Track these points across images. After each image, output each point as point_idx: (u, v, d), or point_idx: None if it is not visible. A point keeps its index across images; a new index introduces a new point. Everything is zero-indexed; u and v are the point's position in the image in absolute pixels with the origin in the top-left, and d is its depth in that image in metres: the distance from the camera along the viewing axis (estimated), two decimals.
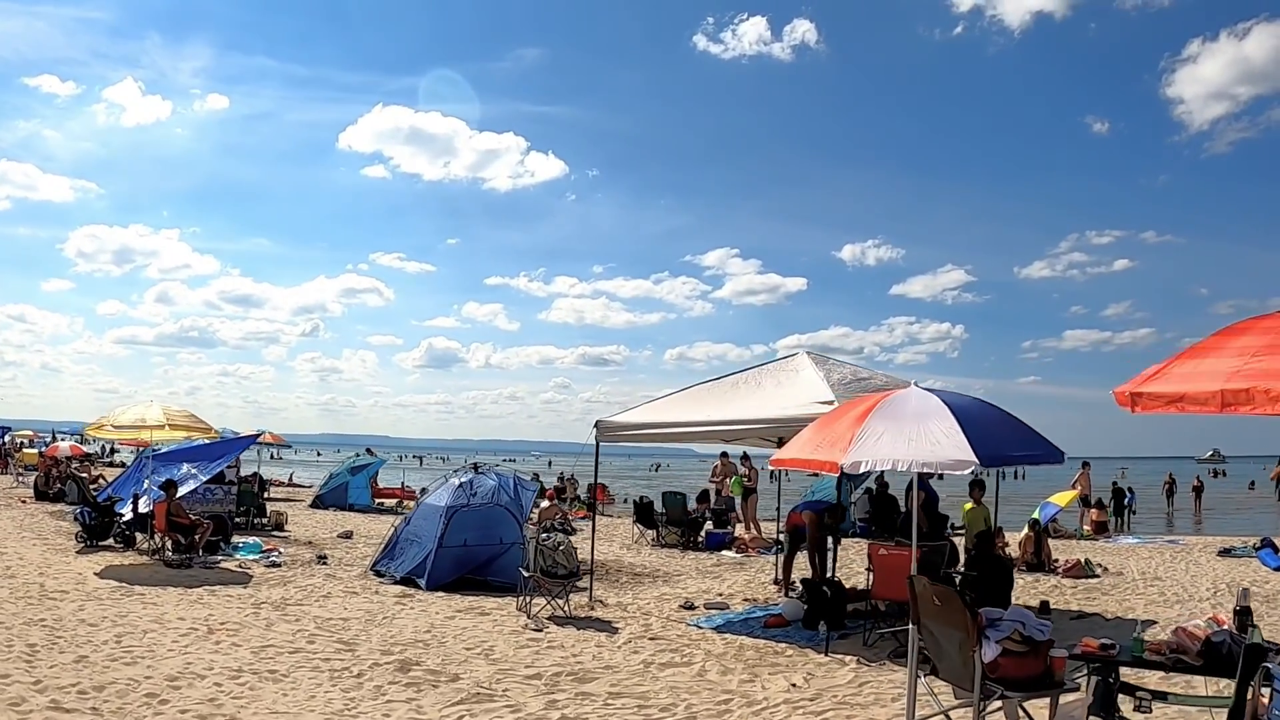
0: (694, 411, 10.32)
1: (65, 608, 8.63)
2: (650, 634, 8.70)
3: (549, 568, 9.52)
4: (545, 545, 9.59)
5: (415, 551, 11.32)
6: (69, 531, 14.70)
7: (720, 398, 10.40)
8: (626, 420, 10.68)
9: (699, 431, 10.51)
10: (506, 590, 10.74)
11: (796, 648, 8.14)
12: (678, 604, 10.43)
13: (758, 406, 9.82)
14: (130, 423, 11.74)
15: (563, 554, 9.61)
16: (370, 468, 23.31)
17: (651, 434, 10.67)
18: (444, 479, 11.99)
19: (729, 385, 10.65)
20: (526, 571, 9.73)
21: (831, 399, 9.03)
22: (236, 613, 8.86)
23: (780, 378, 10.30)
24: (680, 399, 10.88)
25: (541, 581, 9.51)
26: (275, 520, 16.78)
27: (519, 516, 11.57)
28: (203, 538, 12.30)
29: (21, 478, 27.44)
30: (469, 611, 9.59)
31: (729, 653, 7.94)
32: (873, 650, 7.98)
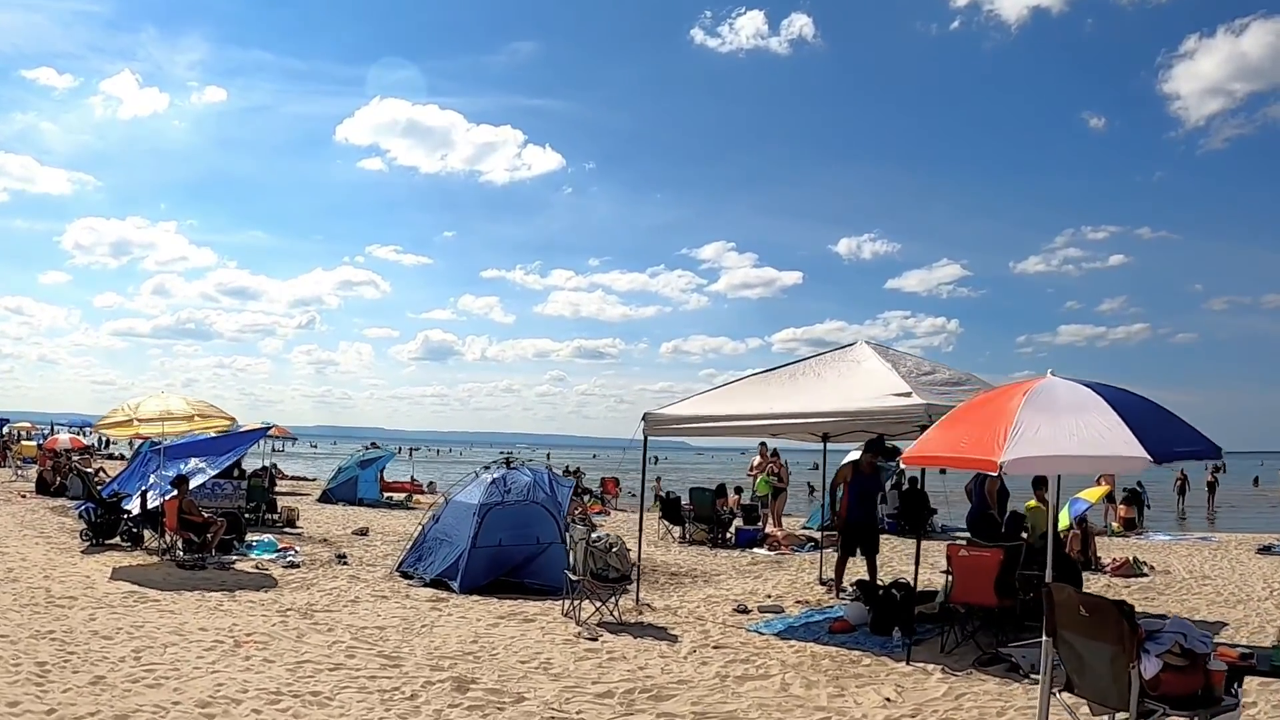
0: (753, 404, 9.59)
1: (75, 617, 7.77)
2: (712, 642, 8.00)
3: (600, 571, 8.75)
4: (596, 547, 8.80)
5: (446, 552, 10.49)
6: (72, 529, 13.79)
7: (778, 390, 9.73)
8: (678, 413, 9.89)
9: (761, 425, 9.76)
10: (545, 593, 10.00)
11: (872, 655, 7.50)
12: (730, 607, 9.74)
13: (824, 399, 9.13)
14: (155, 415, 10.84)
15: (616, 556, 8.82)
16: (379, 461, 22.41)
17: (708, 427, 9.91)
18: (474, 475, 11.16)
19: (786, 377, 9.96)
20: (574, 575, 8.96)
21: (907, 391, 8.38)
22: (262, 621, 8.01)
23: (841, 369, 9.62)
24: (733, 392, 10.18)
25: (591, 585, 8.74)
26: (287, 516, 15.91)
27: (556, 514, 10.74)
28: (216, 536, 11.43)
29: (20, 471, 26.41)
30: (512, 618, 8.79)
31: (804, 662, 7.25)
32: (953, 658, 7.35)
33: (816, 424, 9.43)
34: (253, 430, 15.56)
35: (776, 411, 9.30)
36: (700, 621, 8.93)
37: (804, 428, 9.80)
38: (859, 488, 10.56)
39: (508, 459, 11.21)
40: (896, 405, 8.35)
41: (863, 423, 8.99)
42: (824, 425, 9.39)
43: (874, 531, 10.70)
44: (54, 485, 20.45)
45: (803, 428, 9.81)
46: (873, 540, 10.52)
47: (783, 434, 11.83)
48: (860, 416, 8.72)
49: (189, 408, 10.98)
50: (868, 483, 10.63)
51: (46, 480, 20.81)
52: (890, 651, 7.60)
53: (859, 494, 10.53)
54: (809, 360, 10.17)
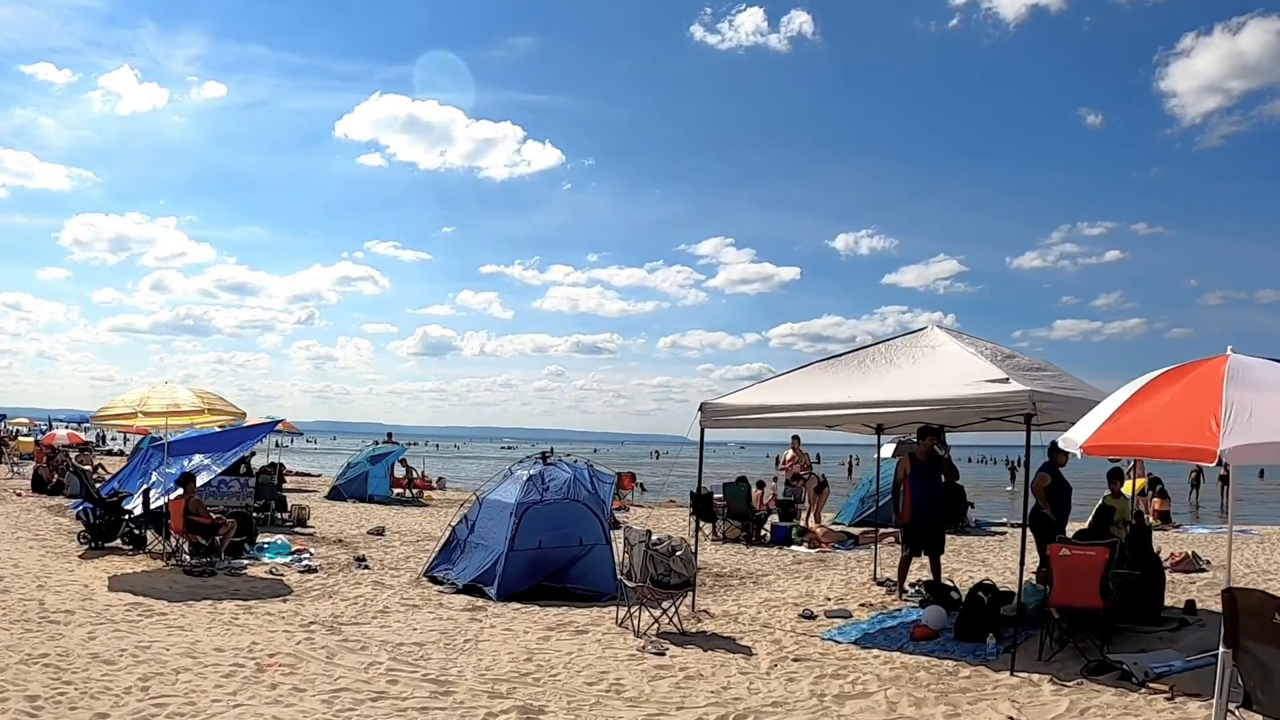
0: (825, 393, 8.66)
1: (72, 636, 6.69)
2: (790, 654, 7.10)
3: (661, 577, 7.74)
4: (657, 550, 7.80)
5: (481, 556, 9.45)
6: (69, 530, 12.70)
7: (847, 378, 8.85)
8: (739, 403, 8.90)
9: (837, 414, 8.78)
10: (589, 599, 9.01)
11: (968, 665, 6.73)
12: (791, 612, 8.83)
13: (908, 386, 8.24)
14: (162, 409, 9.75)
15: (680, 561, 7.82)
16: (390, 456, 21.29)
17: (775, 418, 8.92)
18: (508, 472, 10.12)
19: (853, 364, 9.08)
20: (630, 581, 7.95)
21: (1003, 376, 7.55)
22: (285, 639, 6.96)
23: (915, 355, 8.78)
24: (796, 381, 9.24)
25: (650, 592, 7.73)
26: (298, 515, 14.81)
27: (600, 513, 9.73)
28: (225, 539, 10.35)
29: (17, 468, 25.21)
30: (562, 629, 7.77)
31: (900, 676, 6.40)
32: (1054, 665, 6.67)
33: (904, 413, 8.48)
34: (261, 424, 14.49)
35: (856, 400, 8.37)
36: (767, 629, 8.05)
37: (887, 417, 8.87)
38: (920, 480, 9.61)
39: (544, 454, 10.16)
40: (996, 392, 7.59)
41: (957, 411, 8.08)
42: (913, 414, 8.44)
43: (940, 529, 9.81)
44: (51, 483, 19.33)
45: (885, 417, 8.88)
46: (938, 539, 9.65)
47: (839, 426, 10.91)
48: (956, 404, 7.88)
49: (198, 401, 9.91)
50: (928, 473, 9.69)
51: (43, 478, 19.70)
52: (985, 660, 6.85)
53: (921, 487, 9.57)
54: (875, 347, 9.37)
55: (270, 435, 32.48)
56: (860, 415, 8.79)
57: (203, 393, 10.35)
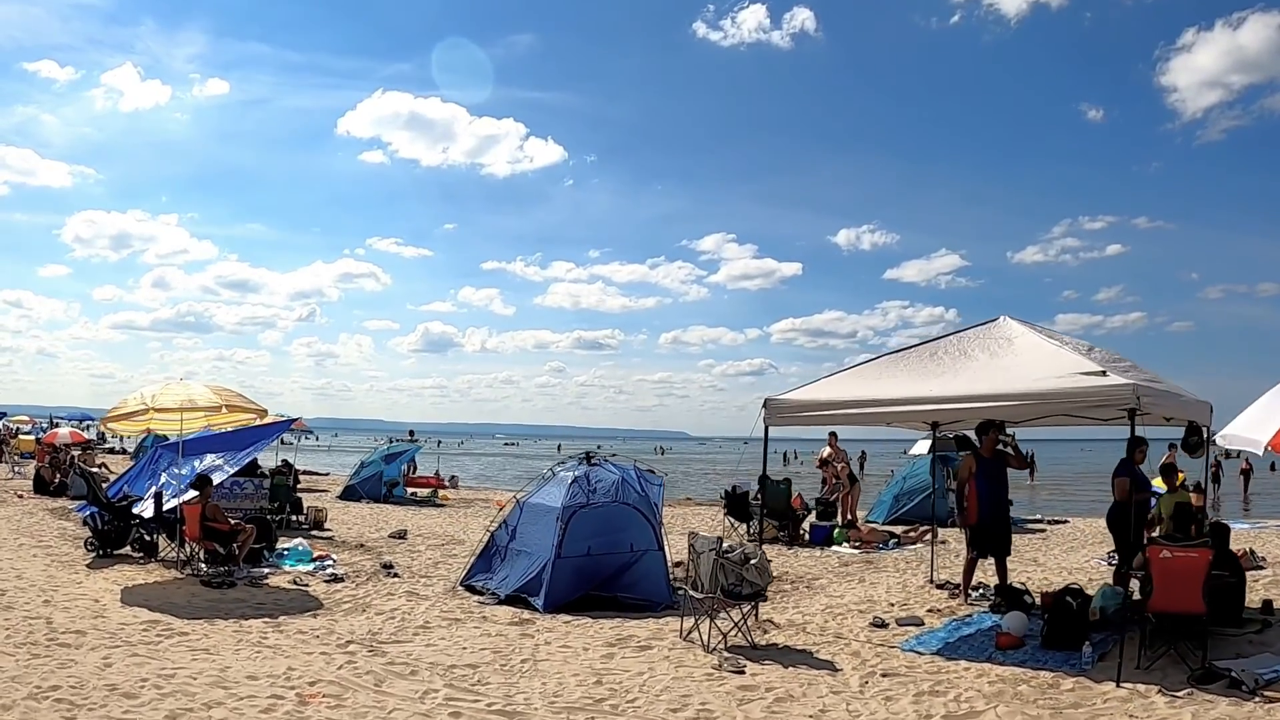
0: (900, 387, 7.97)
1: (85, 661, 5.88)
2: (877, 668, 6.41)
3: (732, 587, 6.99)
4: (729, 558, 7.05)
5: (524, 563, 8.65)
6: (75, 535, 11.86)
7: (920, 371, 8.21)
8: (807, 398, 8.16)
9: (915, 410, 8.07)
10: (642, 609, 8.26)
11: (1066, 676, 6.15)
12: (857, 620, 8.13)
13: (993, 380, 7.62)
14: (175, 405, 8.93)
15: (755, 570, 7.08)
16: (405, 455, 20.43)
17: (848, 414, 8.22)
18: (550, 473, 9.32)
19: (925, 357, 8.42)
20: (696, 591, 7.20)
21: (1100, 369, 6.93)
22: (323, 662, 6.15)
23: (991, 347, 8.18)
24: (863, 375, 8.58)
25: (722, 604, 6.99)
26: (314, 518, 13.97)
27: (651, 517, 8.94)
28: (245, 546, 9.55)
29: (18, 468, 24.27)
30: (623, 645, 7.01)
31: (1002, 691, 5.80)
32: (1155, 674, 6.12)
33: (994, 408, 7.73)
34: (275, 423, 13.63)
35: (938, 395, 7.65)
36: (841, 640, 7.35)
37: (972, 413, 8.10)
38: (986, 478, 8.86)
39: (588, 455, 9.36)
40: (1095, 385, 6.92)
41: (1051, 405, 7.35)
42: (1003, 410, 7.68)
43: (1007, 530, 9.11)
44: (53, 483, 18.46)
45: (971, 413, 8.11)
46: (1006, 540, 8.95)
47: (896, 422, 10.18)
48: (1052, 399, 7.24)
49: (215, 397, 9.08)
50: (995, 470, 8.96)
51: (45, 478, 18.82)
52: (1082, 670, 6.31)
53: (988, 486, 8.83)
54: (946, 339, 8.72)
55: None
56: (943, 411, 8.04)
57: (219, 389, 9.53)
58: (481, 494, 23.77)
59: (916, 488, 16.93)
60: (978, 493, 8.79)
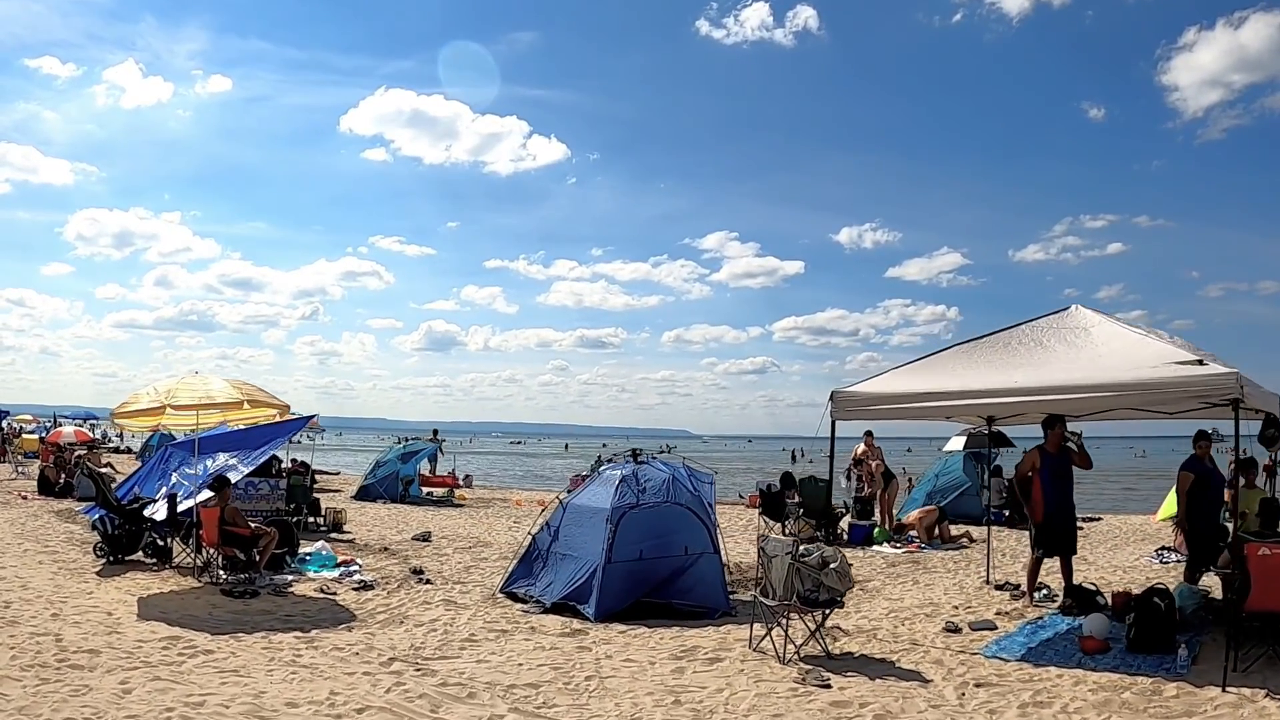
0: (978, 379, 7.43)
1: (101, 687, 5.16)
2: (966, 677, 5.86)
3: (809, 593, 6.34)
4: (806, 562, 6.39)
5: (570, 568, 7.95)
6: (83, 539, 11.13)
7: (994, 362, 7.73)
8: (877, 390, 7.55)
9: (992, 402, 7.51)
10: (697, 616, 7.61)
11: (1166, 681, 5.70)
12: (930, 625, 7.55)
13: (1076, 370, 7.17)
14: (193, 401, 8.20)
15: (834, 575, 6.41)
16: (422, 454, 19.69)
17: (921, 407, 7.63)
18: (595, 472, 8.61)
19: (997, 348, 7.93)
20: (768, 598, 6.54)
21: (1197, 358, 6.47)
22: (368, 684, 5.44)
23: (1067, 336, 7.76)
24: (934, 366, 8.06)
25: (797, 611, 6.35)
26: (333, 519, 13.24)
27: (705, 517, 8.24)
28: (267, 552, 8.83)
29: (21, 468, 23.48)
30: (690, 656, 6.34)
31: (1109, 700, 5.34)
32: (1255, 677, 5.69)
33: (1087, 399, 7.10)
34: (291, 420, 12.90)
35: (1023, 386, 7.04)
36: (918, 647, 6.77)
37: (1061, 405, 7.45)
38: (1052, 475, 8.27)
39: (635, 452, 8.65)
40: (1194, 375, 6.36)
41: (1147, 396, 6.72)
42: (1097, 401, 7.04)
43: (1074, 528, 8.51)
44: (58, 484, 17.73)
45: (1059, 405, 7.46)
46: (1072, 539, 8.39)
47: (957, 416, 9.55)
48: (1149, 389, 6.68)
49: (235, 393, 8.35)
50: (1060, 467, 8.35)
51: (50, 479, 18.08)
52: (1179, 675, 5.88)
53: (1053, 482, 8.25)
54: (1017, 328, 8.17)
55: None
56: (1029, 404, 7.39)
57: (240, 383, 8.81)
58: (498, 493, 23.06)
59: (949, 485, 16.25)
60: (1043, 490, 8.26)
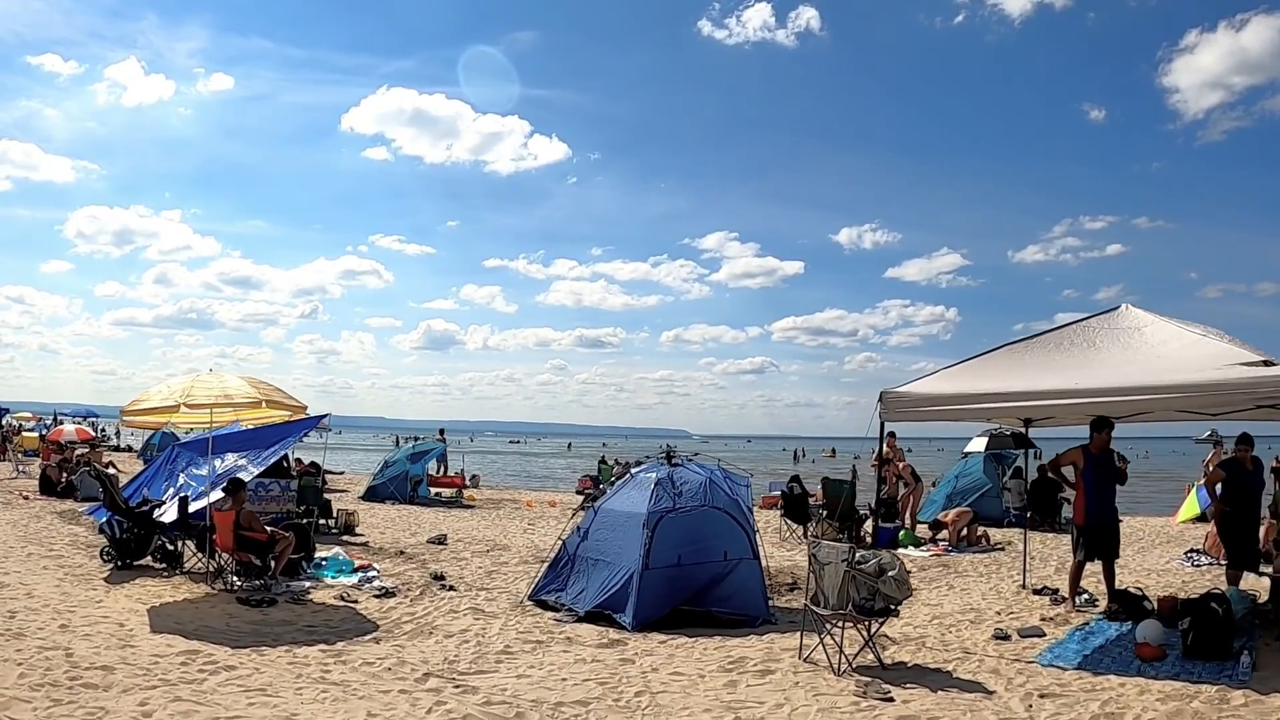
0: (1033, 379, 7.08)
1: (119, 709, 4.70)
2: (1027, 687, 5.54)
3: (865, 601, 5.96)
4: (862, 570, 6.01)
5: (604, 575, 7.53)
6: (88, 543, 10.68)
7: (1049, 364, 7.53)
8: (927, 391, 7.21)
9: (1050, 405, 7.13)
10: (738, 625, 7.25)
11: (1231, 689, 5.42)
12: (976, 631, 7.19)
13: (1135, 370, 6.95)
14: (209, 400, 7.75)
15: (892, 583, 6.03)
16: (430, 454, 19.24)
17: (974, 408, 7.28)
18: (628, 474, 8.19)
19: (1049, 348, 7.68)
20: (820, 607, 6.15)
21: (1261, 358, 6.20)
22: (407, 704, 5.01)
23: (1120, 337, 7.63)
24: (985, 367, 7.78)
25: (851, 620, 5.97)
26: (345, 521, 12.79)
27: (744, 521, 7.83)
28: (283, 557, 8.39)
29: (22, 467, 22.96)
30: (740, 668, 5.97)
31: (1180, 711, 5.04)
32: None
33: (1149, 400, 6.73)
34: (303, 419, 12.46)
35: (1082, 387, 6.70)
36: (970, 656, 6.41)
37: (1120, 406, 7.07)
38: (1096, 476, 7.96)
39: (669, 453, 8.23)
40: (1265, 376, 6.00)
41: (1213, 398, 6.38)
42: (1160, 402, 6.66)
43: (1117, 531, 8.20)
44: (60, 484, 17.24)
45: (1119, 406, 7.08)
46: (1115, 542, 8.11)
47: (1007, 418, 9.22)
48: (1215, 390, 6.34)
49: (253, 392, 7.90)
50: (1105, 468, 8.03)
51: (52, 478, 17.59)
52: (1243, 681, 5.62)
53: (1097, 484, 7.95)
54: (1067, 329, 7.90)
55: None
56: (1084, 405, 7.02)
57: (257, 381, 8.36)
58: (506, 494, 22.60)
59: (969, 487, 15.86)
60: (1086, 492, 7.96)
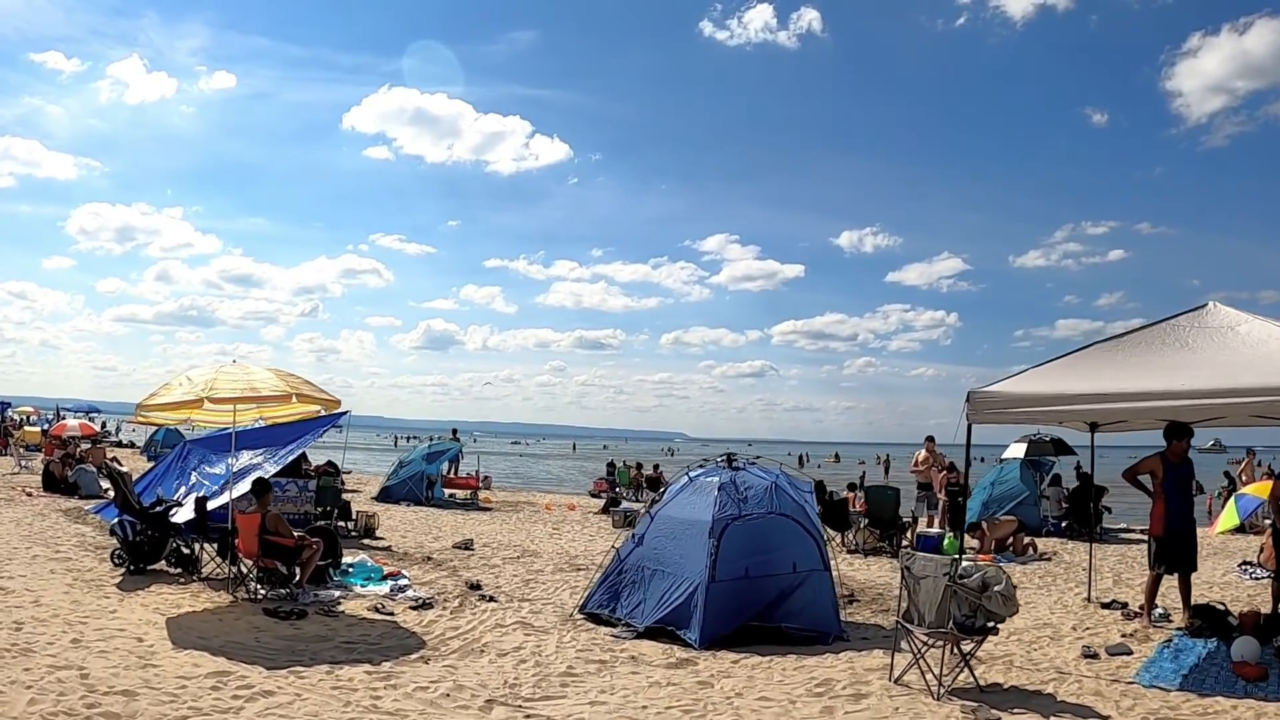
0: (1130, 381, 6.54)
1: None
2: (1137, 710, 5.09)
3: (965, 619, 5.31)
4: (964, 584, 5.34)
5: (664, 587, 6.83)
6: (96, 544, 9.94)
7: (1143, 364, 6.70)
8: (1020, 391, 6.57)
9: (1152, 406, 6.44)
10: (810, 642, 6.58)
11: None
12: (1065, 650, 6.61)
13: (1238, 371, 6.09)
14: (235, 393, 6.98)
15: (997, 598, 5.40)
16: (446, 454, 18.53)
17: (1067, 410, 6.62)
18: (685, 478, 7.50)
19: (1139, 347, 7.01)
20: (914, 624, 5.50)
21: None
22: None
23: (1214, 337, 6.86)
24: (1076, 366, 7.17)
25: (951, 640, 5.32)
26: (365, 524, 12.06)
27: (813, 530, 7.16)
28: (311, 563, 7.68)
29: (24, 461, 22.16)
30: (829, 691, 5.36)
31: None
32: None
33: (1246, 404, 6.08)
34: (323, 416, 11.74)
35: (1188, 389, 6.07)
36: (1064, 675, 5.86)
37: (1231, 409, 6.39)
38: (1175, 486, 7.46)
39: (729, 456, 7.54)
40: None
41: None
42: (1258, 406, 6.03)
43: (1194, 542, 7.65)
44: (64, 480, 16.49)
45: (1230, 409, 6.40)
46: (1192, 553, 7.55)
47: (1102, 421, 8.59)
48: None
49: (283, 385, 7.16)
50: (1183, 478, 7.54)
51: (55, 474, 16.83)
52: None
53: (1176, 494, 7.46)
54: (1155, 327, 7.13)
55: None
56: (1186, 408, 6.40)
57: (284, 374, 7.61)
58: (520, 496, 21.86)
59: (1005, 494, 15.17)
60: (1166, 502, 7.43)
